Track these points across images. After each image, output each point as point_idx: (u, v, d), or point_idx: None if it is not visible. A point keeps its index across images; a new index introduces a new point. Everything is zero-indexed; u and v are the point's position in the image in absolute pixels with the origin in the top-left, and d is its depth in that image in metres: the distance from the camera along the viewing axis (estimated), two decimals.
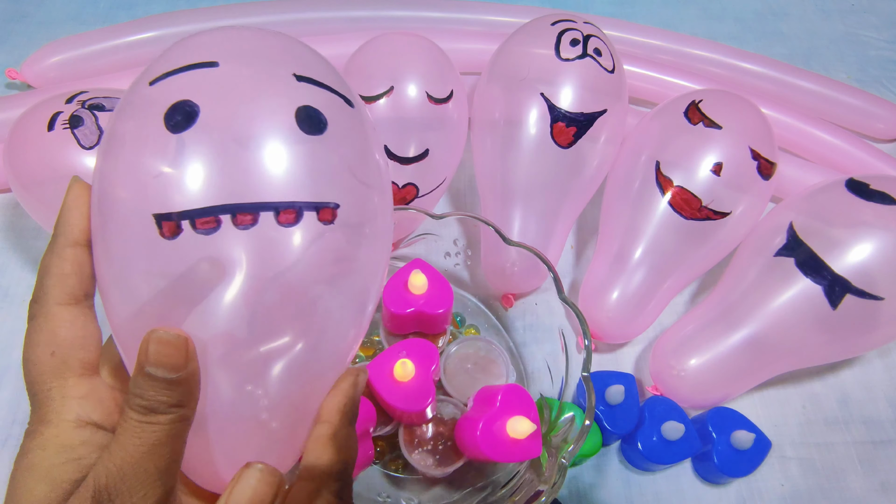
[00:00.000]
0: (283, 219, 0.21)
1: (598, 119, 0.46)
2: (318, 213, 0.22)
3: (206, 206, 0.20)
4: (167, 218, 0.20)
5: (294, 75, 0.23)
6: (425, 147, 0.46)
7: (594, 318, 0.45)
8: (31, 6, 0.71)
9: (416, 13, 0.64)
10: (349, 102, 0.24)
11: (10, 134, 0.42)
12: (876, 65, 0.71)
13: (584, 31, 0.48)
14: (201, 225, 0.20)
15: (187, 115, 0.21)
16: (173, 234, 0.20)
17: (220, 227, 0.20)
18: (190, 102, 0.21)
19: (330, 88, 0.24)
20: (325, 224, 0.22)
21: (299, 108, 0.22)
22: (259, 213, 0.21)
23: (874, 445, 0.46)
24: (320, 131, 0.22)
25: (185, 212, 0.20)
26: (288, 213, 0.21)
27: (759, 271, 0.43)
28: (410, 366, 0.37)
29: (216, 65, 0.22)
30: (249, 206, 0.20)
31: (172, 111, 0.21)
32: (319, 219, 0.22)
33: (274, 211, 0.21)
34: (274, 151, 0.21)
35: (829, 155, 0.58)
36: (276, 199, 0.21)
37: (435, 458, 0.39)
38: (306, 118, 0.22)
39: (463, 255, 0.49)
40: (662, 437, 0.41)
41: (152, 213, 0.20)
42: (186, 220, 0.20)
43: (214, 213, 0.20)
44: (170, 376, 0.20)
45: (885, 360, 0.50)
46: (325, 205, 0.22)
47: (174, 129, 0.21)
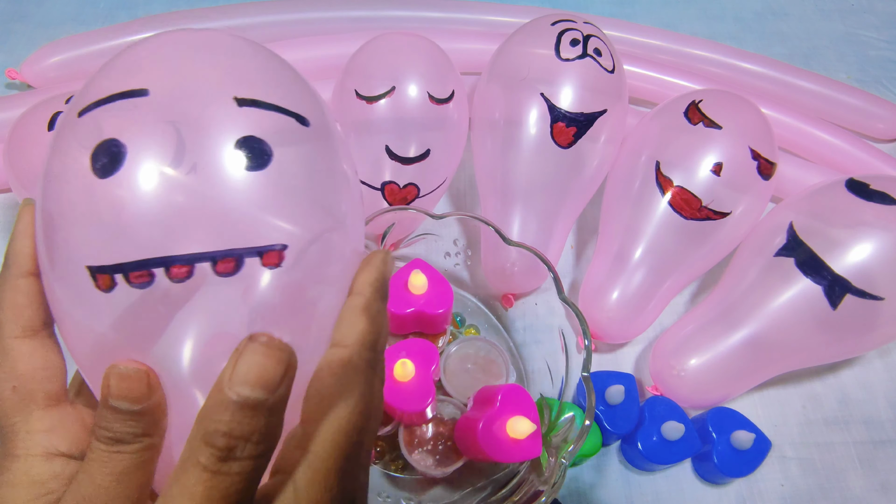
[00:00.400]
0: (221, 268, 0.19)
1: (598, 119, 0.46)
2: (261, 258, 0.20)
3: (138, 260, 0.19)
4: (101, 271, 0.19)
5: (235, 99, 0.21)
6: (426, 147, 0.46)
7: (594, 318, 0.45)
8: (31, 6, 0.71)
9: (416, 13, 0.64)
10: (302, 121, 0.22)
11: (10, 134, 0.42)
12: (876, 65, 0.71)
13: (584, 31, 0.48)
14: (135, 279, 0.19)
15: (113, 156, 0.19)
16: (108, 288, 0.19)
17: (153, 280, 0.19)
18: (116, 142, 0.20)
19: (278, 108, 0.21)
20: (271, 269, 0.20)
21: (238, 141, 0.20)
22: (194, 266, 0.19)
23: (874, 445, 0.46)
24: (263, 165, 0.20)
25: (117, 265, 0.19)
26: (226, 262, 0.19)
27: (759, 271, 0.43)
28: (410, 366, 0.37)
29: (146, 93, 0.20)
30: (182, 258, 0.19)
31: (98, 152, 0.20)
32: (263, 264, 0.20)
33: (211, 261, 0.19)
34: (209, 195, 0.20)
35: (829, 155, 0.58)
36: (211, 249, 0.19)
37: (435, 458, 0.39)
38: (247, 148, 0.20)
39: (463, 255, 0.49)
40: (662, 437, 0.41)
41: (86, 265, 0.19)
42: (119, 273, 0.19)
43: (147, 267, 0.19)
44: (134, 408, 0.19)
45: (885, 360, 0.50)
46: (270, 248, 0.20)
47: (101, 174, 0.19)
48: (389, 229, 0.44)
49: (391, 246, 0.46)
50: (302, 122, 0.22)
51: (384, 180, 0.46)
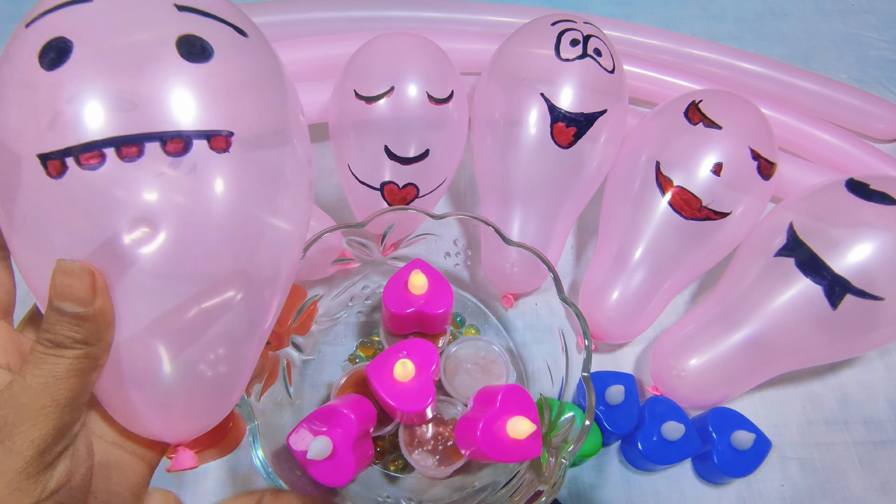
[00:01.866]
0: (170, 148, 0.20)
1: (598, 119, 0.46)
2: (208, 141, 0.21)
3: (88, 142, 0.19)
4: (51, 157, 0.20)
5: (175, 5, 0.22)
6: (426, 147, 0.46)
7: (594, 319, 0.45)
8: (31, 6, 0.71)
9: (416, 13, 0.64)
10: (240, 32, 0.23)
11: None
12: (876, 65, 0.71)
13: (584, 32, 0.48)
14: (85, 161, 0.20)
15: (60, 51, 0.20)
16: (59, 174, 0.20)
17: (104, 161, 0.20)
18: (63, 38, 0.21)
19: (217, 18, 0.23)
20: (219, 153, 0.21)
21: (180, 37, 0.21)
22: (144, 144, 0.20)
23: (874, 445, 0.46)
24: (205, 59, 0.21)
25: (67, 149, 0.20)
26: (175, 142, 0.20)
27: (759, 271, 0.43)
28: (410, 366, 0.37)
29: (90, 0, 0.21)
30: (133, 137, 0.20)
31: (46, 49, 0.20)
32: (211, 147, 0.21)
33: (160, 141, 0.20)
34: (155, 81, 0.20)
35: (829, 155, 0.58)
36: (160, 129, 0.20)
37: (435, 458, 0.39)
38: (187, 45, 0.21)
39: (463, 255, 0.49)
40: (662, 438, 0.41)
41: (36, 154, 0.20)
42: (70, 157, 0.20)
43: (97, 148, 0.20)
44: (76, 310, 0.20)
45: (885, 360, 0.50)
46: (217, 132, 0.21)
47: (49, 67, 0.20)
48: (389, 229, 0.44)
49: (391, 246, 0.46)
50: (240, 33, 0.23)
51: (383, 180, 0.46)
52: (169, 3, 0.22)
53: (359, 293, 0.48)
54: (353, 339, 0.48)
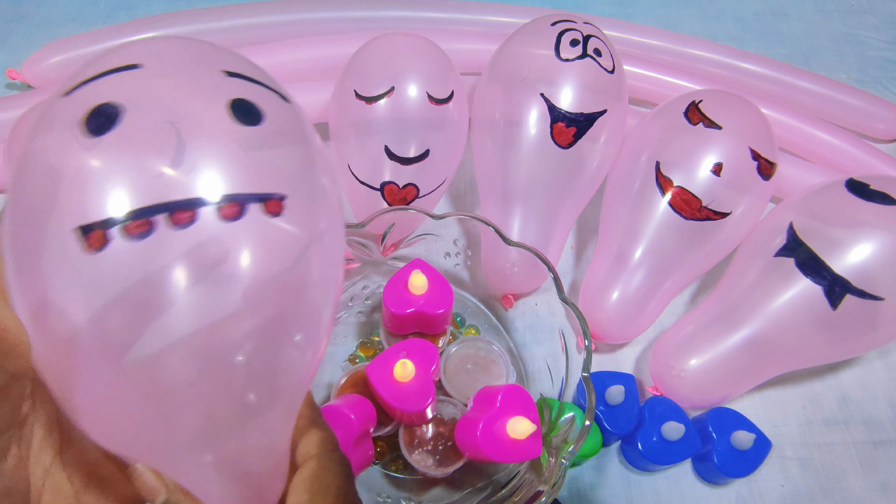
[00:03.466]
0: (224, 213, 0.19)
1: (598, 119, 0.46)
2: (263, 205, 0.20)
3: (137, 209, 0.18)
4: (92, 228, 0.18)
5: (223, 71, 0.22)
6: (426, 147, 0.46)
7: (594, 319, 0.45)
8: (31, 6, 0.71)
9: (416, 13, 0.64)
10: (284, 98, 0.23)
11: (10, 134, 0.42)
12: (876, 65, 0.71)
13: (584, 32, 0.48)
14: (132, 230, 0.18)
15: (109, 117, 0.19)
16: (101, 246, 0.18)
17: (154, 229, 0.18)
18: (112, 104, 0.19)
19: (262, 84, 0.23)
20: (273, 217, 0.20)
21: (232, 100, 0.21)
22: (198, 210, 0.19)
23: (874, 445, 0.46)
24: (257, 122, 0.21)
25: (110, 219, 0.18)
26: (231, 206, 0.19)
27: (759, 272, 0.43)
28: (410, 366, 0.37)
29: (139, 66, 0.21)
30: (186, 202, 0.19)
31: (93, 115, 0.19)
32: (266, 211, 0.20)
33: (215, 206, 0.19)
34: (208, 144, 0.20)
35: (829, 155, 0.58)
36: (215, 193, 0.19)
37: (435, 458, 0.39)
38: (240, 109, 0.21)
39: (463, 256, 0.49)
40: (662, 438, 0.41)
41: (74, 227, 0.18)
42: (114, 227, 0.18)
43: (147, 215, 0.18)
44: None
45: (885, 360, 0.50)
46: (271, 196, 0.20)
47: (96, 133, 0.19)
48: (389, 229, 0.44)
49: (391, 246, 0.46)
50: (284, 99, 0.23)
51: (383, 180, 0.46)
52: (217, 68, 0.22)
53: (359, 293, 0.48)
54: (353, 339, 0.48)
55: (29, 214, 0.19)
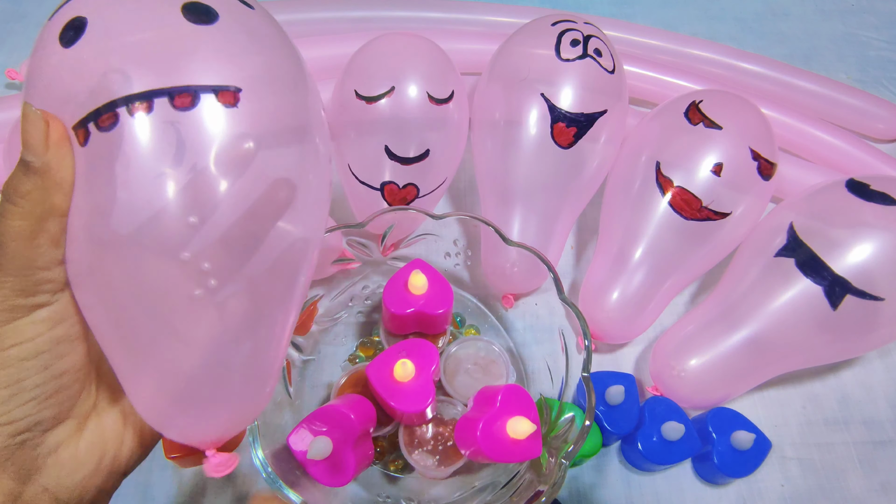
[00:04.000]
0: (178, 103, 0.21)
1: (599, 119, 0.46)
2: (216, 95, 0.21)
3: (101, 105, 0.21)
4: (78, 126, 0.21)
5: None
6: (426, 147, 0.46)
7: (594, 319, 0.45)
8: (31, 6, 0.71)
9: (416, 13, 0.64)
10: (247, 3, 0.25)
11: (10, 134, 0.42)
12: (876, 65, 0.71)
13: (584, 32, 0.48)
14: (103, 123, 0.21)
15: (76, 28, 0.22)
16: (85, 140, 0.21)
17: (118, 120, 0.21)
18: (79, 17, 0.22)
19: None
20: (227, 107, 0.22)
21: (185, 4, 0.22)
22: (153, 101, 0.21)
23: (874, 445, 0.46)
24: (209, 21, 0.22)
25: (86, 116, 0.21)
26: (183, 97, 0.21)
27: (760, 272, 0.43)
28: (410, 366, 0.37)
29: None
30: (141, 94, 0.21)
31: (65, 29, 0.22)
32: (219, 100, 0.21)
33: (168, 96, 0.21)
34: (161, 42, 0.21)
35: (829, 155, 0.58)
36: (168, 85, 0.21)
37: (435, 458, 0.39)
38: (193, 9, 0.22)
39: (463, 256, 0.49)
40: (662, 438, 0.41)
41: (70, 127, 0.21)
42: (91, 122, 0.21)
43: (110, 109, 0.21)
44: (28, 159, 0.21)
45: (885, 361, 0.50)
46: (224, 88, 0.22)
47: (67, 44, 0.21)
48: (389, 230, 0.44)
49: (391, 246, 0.46)
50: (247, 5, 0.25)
51: (384, 180, 0.46)
52: None
53: (359, 293, 0.48)
54: (352, 340, 0.48)
55: None
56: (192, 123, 0.21)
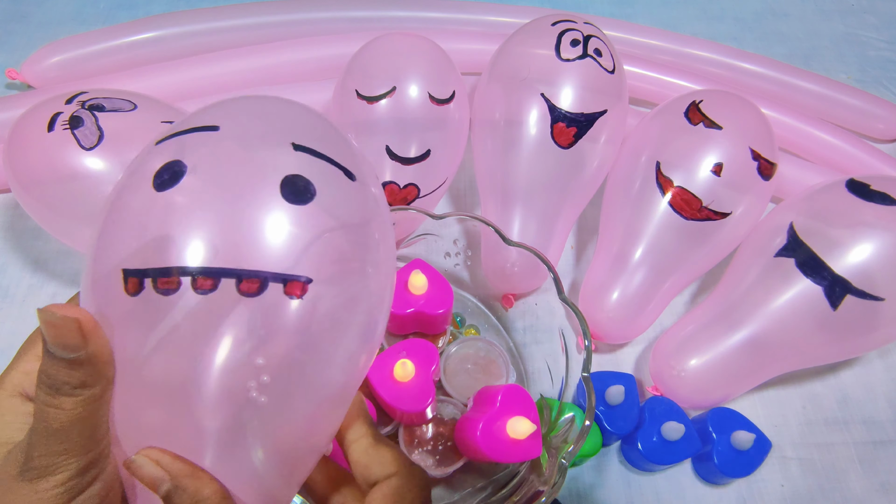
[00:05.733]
0: (244, 288, 0.20)
1: (599, 119, 0.46)
2: (284, 285, 0.20)
3: (168, 266, 0.20)
4: (133, 274, 0.20)
5: (292, 144, 0.22)
6: (427, 147, 0.46)
7: (594, 319, 0.45)
8: (31, 6, 0.71)
9: (416, 13, 0.64)
10: (349, 175, 0.23)
11: (10, 134, 0.42)
12: (876, 65, 0.71)
13: (584, 32, 0.48)
14: (162, 285, 0.20)
15: (174, 174, 0.21)
16: (136, 291, 0.20)
17: (178, 288, 0.20)
18: (179, 162, 0.21)
19: (329, 160, 0.23)
20: (292, 298, 0.21)
21: (287, 177, 0.21)
22: (220, 280, 0.20)
23: (874, 445, 0.46)
24: (304, 201, 0.22)
25: (147, 269, 0.20)
26: (251, 282, 0.20)
27: (760, 272, 0.43)
28: (410, 366, 0.37)
29: (217, 129, 0.22)
30: (211, 270, 0.20)
31: (162, 170, 0.21)
32: (286, 292, 0.20)
33: (236, 278, 0.20)
34: (247, 217, 0.21)
35: (829, 155, 0.58)
36: (238, 267, 0.20)
37: (435, 458, 0.39)
38: (291, 186, 0.21)
39: (463, 256, 0.49)
40: (662, 438, 0.41)
41: (121, 268, 0.20)
42: (149, 278, 0.20)
43: (175, 275, 0.20)
44: (70, 356, 0.20)
45: (885, 361, 0.50)
46: (295, 278, 0.21)
47: (159, 188, 0.21)
48: None
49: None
50: (349, 176, 0.23)
51: (384, 180, 0.46)
52: (287, 140, 0.22)
53: None
54: None
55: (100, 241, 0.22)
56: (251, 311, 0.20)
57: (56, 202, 0.40)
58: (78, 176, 0.39)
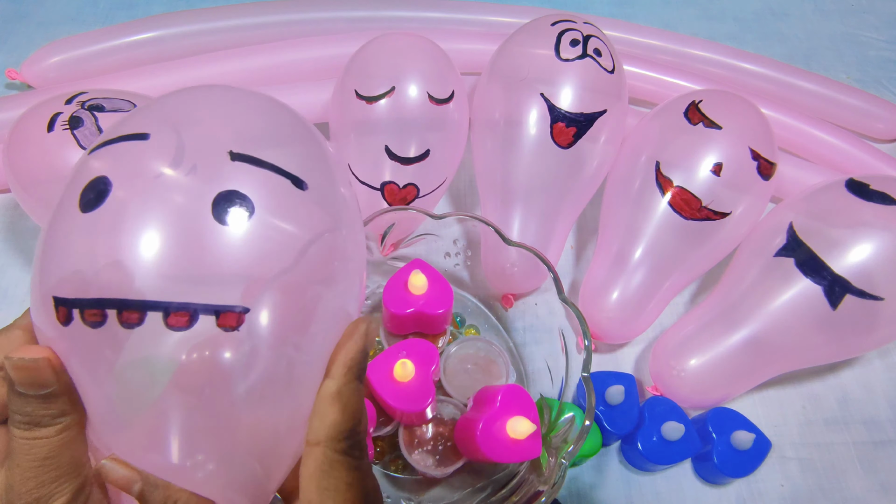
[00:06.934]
0: (172, 321, 0.18)
1: (598, 119, 0.46)
2: (216, 317, 0.19)
3: (93, 298, 0.19)
4: (62, 304, 0.19)
5: (230, 152, 0.20)
6: (426, 147, 0.46)
7: (594, 319, 0.45)
8: (31, 6, 0.71)
9: (416, 13, 0.64)
10: (298, 184, 0.21)
11: (10, 134, 0.42)
12: (876, 65, 0.71)
13: (584, 32, 0.48)
14: (89, 317, 0.19)
15: (99, 193, 0.19)
16: (66, 321, 0.19)
17: (105, 321, 0.19)
18: (104, 179, 0.20)
19: (274, 167, 0.21)
20: (227, 331, 0.19)
21: (220, 193, 0.19)
22: (146, 313, 0.18)
23: (874, 445, 0.46)
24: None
25: (75, 300, 0.19)
26: (179, 315, 0.19)
27: (759, 271, 0.43)
28: (410, 366, 0.37)
29: (146, 137, 0.20)
30: (135, 303, 0.18)
31: (87, 189, 0.20)
32: (218, 325, 0.19)
33: (163, 311, 0.18)
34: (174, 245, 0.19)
35: (829, 155, 0.58)
36: (166, 299, 0.18)
37: (435, 458, 0.39)
38: (225, 203, 0.19)
39: (463, 256, 0.49)
40: (662, 438, 0.41)
41: (52, 295, 0.19)
42: (76, 308, 0.19)
43: (101, 307, 0.19)
44: (42, 392, 0.19)
45: (885, 360, 0.50)
46: (229, 308, 0.19)
47: (84, 208, 0.20)
48: (389, 229, 0.44)
49: (391, 246, 0.46)
50: (298, 185, 0.21)
51: (384, 180, 0.46)
52: (224, 148, 0.20)
53: None
54: None
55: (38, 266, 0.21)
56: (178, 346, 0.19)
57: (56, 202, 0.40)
58: None
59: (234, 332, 0.19)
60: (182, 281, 0.19)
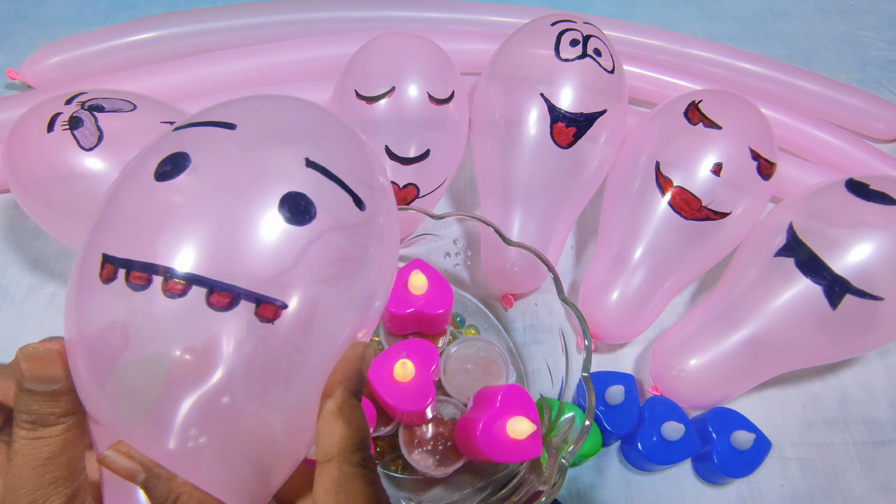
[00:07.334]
0: (214, 300, 0.19)
1: (598, 119, 0.46)
2: (257, 306, 0.19)
3: (144, 262, 0.19)
4: (110, 261, 0.20)
5: (306, 159, 0.21)
6: (426, 147, 0.46)
7: (594, 319, 0.45)
8: (31, 6, 0.71)
9: (416, 13, 0.64)
10: (358, 203, 0.22)
11: (10, 134, 0.42)
12: (876, 65, 0.71)
13: (583, 32, 0.48)
14: (134, 279, 0.19)
15: (176, 166, 0.20)
16: (108, 279, 0.19)
17: (149, 286, 0.19)
18: (185, 155, 0.21)
19: (341, 183, 0.22)
20: (262, 321, 0.19)
21: (289, 193, 0.20)
22: (191, 286, 0.19)
23: (874, 445, 0.46)
24: (301, 222, 0.20)
25: (126, 260, 0.19)
26: (222, 295, 0.19)
27: (759, 271, 0.43)
28: (410, 366, 0.37)
29: (234, 127, 0.22)
30: (184, 274, 0.19)
31: (167, 160, 0.21)
32: (256, 313, 0.19)
33: (208, 289, 0.19)
34: (234, 229, 0.20)
35: (829, 155, 0.58)
36: (213, 277, 0.19)
37: (435, 458, 0.39)
38: (291, 203, 0.20)
39: (463, 256, 0.49)
40: (662, 438, 0.41)
41: (102, 252, 0.20)
42: (124, 269, 0.19)
43: (149, 272, 0.19)
44: (50, 388, 0.20)
45: (885, 360, 0.50)
46: (270, 300, 0.20)
47: (159, 178, 0.20)
48: None
49: None
50: (358, 205, 0.22)
51: None
52: (302, 154, 0.22)
53: None
54: None
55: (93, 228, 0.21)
56: (213, 325, 0.19)
57: (56, 202, 0.40)
58: (77, 176, 0.39)
59: (268, 323, 0.20)
60: (232, 264, 0.19)
